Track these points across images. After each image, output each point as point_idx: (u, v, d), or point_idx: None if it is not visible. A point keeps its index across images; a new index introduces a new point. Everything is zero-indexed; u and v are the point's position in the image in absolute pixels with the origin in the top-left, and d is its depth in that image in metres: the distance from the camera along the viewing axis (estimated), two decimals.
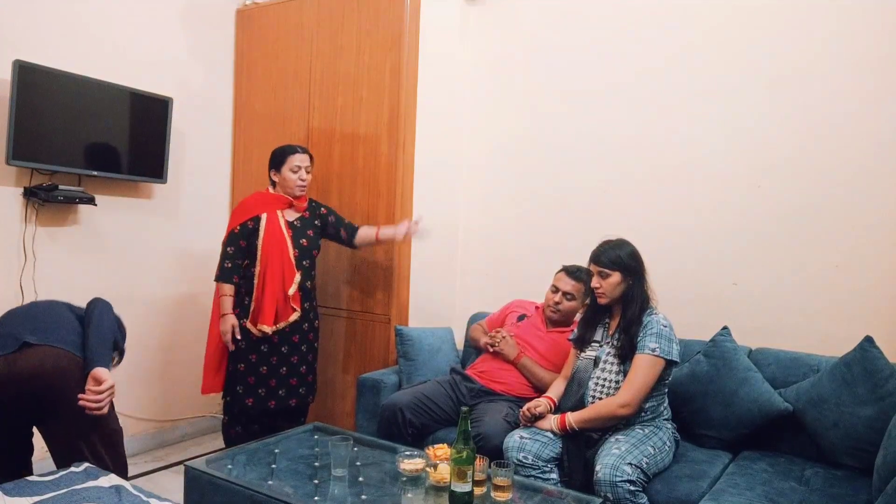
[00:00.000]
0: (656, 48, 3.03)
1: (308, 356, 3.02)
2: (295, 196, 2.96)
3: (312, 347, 3.05)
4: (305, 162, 2.95)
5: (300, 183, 2.93)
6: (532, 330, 2.87)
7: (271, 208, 2.92)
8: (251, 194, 3.07)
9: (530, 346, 2.82)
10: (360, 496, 2.03)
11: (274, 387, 2.91)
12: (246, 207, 2.95)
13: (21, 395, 1.95)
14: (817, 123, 2.68)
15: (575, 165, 3.26)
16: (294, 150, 2.94)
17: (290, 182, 2.92)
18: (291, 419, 3.02)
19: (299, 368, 2.98)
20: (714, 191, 2.89)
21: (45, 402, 1.96)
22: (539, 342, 2.83)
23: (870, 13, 2.58)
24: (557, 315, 2.84)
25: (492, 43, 3.53)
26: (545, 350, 2.80)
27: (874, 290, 2.58)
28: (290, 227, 2.95)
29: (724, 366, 2.53)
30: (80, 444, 1.99)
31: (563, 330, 2.83)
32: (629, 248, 2.43)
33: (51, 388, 1.94)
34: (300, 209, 3.01)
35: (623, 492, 2.07)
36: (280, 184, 2.95)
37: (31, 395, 1.95)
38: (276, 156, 2.96)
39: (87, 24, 3.11)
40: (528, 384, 2.76)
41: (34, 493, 1.69)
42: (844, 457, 2.29)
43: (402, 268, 3.24)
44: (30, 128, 2.80)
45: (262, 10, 3.71)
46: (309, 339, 3.02)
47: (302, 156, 2.94)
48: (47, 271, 3.01)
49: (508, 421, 2.54)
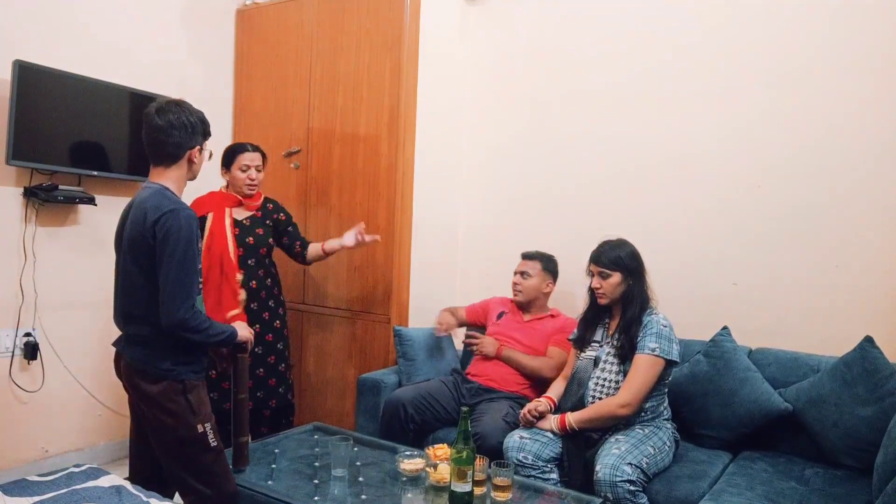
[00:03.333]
0: (656, 48, 3.03)
1: (286, 353, 3.00)
2: (244, 195, 2.89)
3: (288, 344, 3.03)
4: (255, 161, 2.88)
5: (248, 182, 2.86)
6: (511, 324, 2.94)
7: (219, 207, 2.84)
8: (205, 193, 2.94)
9: (512, 339, 2.88)
10: (360, 496, 2.03)
11: (251, 388, 2.81)
12: (194, 207, 2.82)
13: None
14: (817, 123, 2.68)
15: (575, 165, 3.26)
16: (244, 148, 2.88)
17: (239, 181, 2.86)
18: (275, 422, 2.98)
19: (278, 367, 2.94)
20: (714, 191, 2.89)
21: None
22: (519, 333, 2.89)
23: (870, 13, 2.58)
24: (521, 296, 2.93)
25: (492, 43, 3.53)
26: (525, 339, 2.87)
27: (874, 290, 2.58)
28: (238, 225, 2.87)
29: (724, 366, 2.53)
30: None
31: (541, 316, 2.92)
32: (629, 249, 2.43)
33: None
34: (251, 208, 2.93)
35: (623, 492, 2.07)
36: (230, 182, 2.89)
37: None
38: (227, 154, 2.89)
39: (87, 24, 3.11)
40: (519, 375, 2.80)
41: (34, 493, 1.69)
42: (844, 457, 2.29)
43: (402, 268, 3.24)
44: (30, 128, 2.80)
45: (262, 10, 3.71)
46: (284, 335, 3.00)
47: (252, 154, 2.87)
48: (47, 271, 3.01)
49: (508, 421, 2.54)
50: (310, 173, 3.49)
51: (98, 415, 3.25)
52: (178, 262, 1.83)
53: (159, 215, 1.84)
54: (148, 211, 1.86)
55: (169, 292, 1.83)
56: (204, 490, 1.93)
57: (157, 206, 1.86)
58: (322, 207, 3.44)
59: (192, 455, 1.93)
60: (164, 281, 1.84)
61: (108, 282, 2.05)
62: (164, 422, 1.89)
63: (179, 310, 1.83)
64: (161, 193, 1.91)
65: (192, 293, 1.86)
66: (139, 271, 1.89)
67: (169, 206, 1.86)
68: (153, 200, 1.88)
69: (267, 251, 2.97)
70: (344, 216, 3.35)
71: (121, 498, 1.70)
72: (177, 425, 1.89)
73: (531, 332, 2.89)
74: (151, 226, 1.84)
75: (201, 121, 2.01)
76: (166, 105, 1.95)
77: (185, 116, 1.95)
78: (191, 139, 1.97)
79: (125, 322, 1.96)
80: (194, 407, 1.91)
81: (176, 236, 1.84)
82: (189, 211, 1.90)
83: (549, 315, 2.95)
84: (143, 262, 1.88)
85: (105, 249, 3.20)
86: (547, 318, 2.94)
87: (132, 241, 1.89)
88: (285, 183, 3.57)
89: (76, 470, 1.86)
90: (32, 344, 2.96)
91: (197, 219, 1.93)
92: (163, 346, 1.89)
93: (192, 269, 1.87)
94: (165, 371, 1.89)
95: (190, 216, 1.89)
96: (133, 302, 1.91)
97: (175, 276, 1.83)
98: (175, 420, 1.89)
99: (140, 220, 1.87)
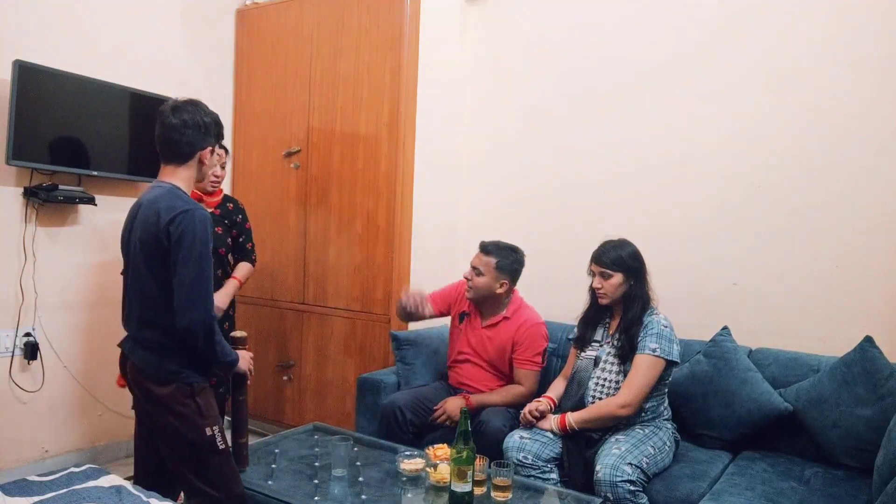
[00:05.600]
0: (656, 48, 3.03)
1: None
2: (206, 192, 2.80)
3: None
4: (222, 157, 2.81)
5: (213, 178, 2.77)
6: (469, 331, 2.79)
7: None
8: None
9: (474, 352, 2.76)
10: (360, 496, 2.03)
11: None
12: None
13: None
14: (817, 123, 2.68)
15: (574, 165, 3.26)
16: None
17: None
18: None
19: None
20: (714, 191, 2.89)
21: None
22: (477, 345, 2.76)
23: (870, 13, 2.58)
24: (470, 293, 2.72)
25: (492, 43, 3.53)
26: (483, 352, 2.74)
27: (874, 290, 2.58)
28: None
29: (724, 366, 2.53)
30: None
31: (496, 321, 2.73)
32: (631, 249, 2.43)
33: None
34: (210, 205, 2.84)
35: (623, 492, 2.07)
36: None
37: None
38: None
39: (87, 24, 3.11)
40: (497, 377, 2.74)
41: (34, 493, 1.69)
42: (844, 457, 2.29)
43: (402, 268, 3.24)
44: (30, 128, 2.80)
45: (262, 10, 3.71)
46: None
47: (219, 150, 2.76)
48: (47, 271, 3.01)
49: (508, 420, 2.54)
50: (310, 173, 3.49)
51: (98, 415, 3.25)
52: (194, 264, 1.81)
53: (174, 215, 1.81)
54: (161, 211, 1.83)
55: (185, 294, 1.80)
56: (212, 492, 1.92)
57: (171, 207, 1.83)
58: (322, 207, 3.44)
59: (201, 458, 1.92)
60: (180, 283, 1.81)
61: (109, 282, 2.05)
62: (173, 425, 1.89)
63: (197, 312, 1.80)
64: (173, 193, 1.88)
65: (209, 295, 1.84)
66: (151, 274, 1.86)
67: (183, 206, 1.84)
68: (166, 201, 1.85)
69: (226, 251, 2.89)
70: (344, 216, 3.36)
71: (121, 498, 1.70)
72: (185, 428, 1.89)
73: (486, 344, 2.73)
74: (165, 226, 1.81)
75: (215, 122, 2.00)
76: (182, 104, 1.95)
77: (199, 116, 1.94)
78: (203, 140, 1.95)
79: (139, 326, 1.93)
80: (203, 410, 1.91)
81: (191, 237, 1.81)
82: (203, 212, 1.88)
83: (503, 317, 2.73)
84: (155, 265, 1.85)
85: (105, 249, 3.23)
86: (502, 321, 2.72)
87: (143, 242, 1.87)
88: (285, 183, 3.57)
89: (76, 470, 1.86)
90: (32, 344, 2.95)
91: (211, 220, 1.91)
92: (172, 350, 1.88)
93: (209, 270, 1.84)
94: (174, 374, 1.88)
95: (205, 217, 1.86)
96: (147, 305, 1.89)
97: (192, 278, 1.80)
98: (183, 423, 1.88)
99: (153, 221, 1.84)
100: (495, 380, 2.75)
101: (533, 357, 2.68)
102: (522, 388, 2.67)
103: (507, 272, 2.70)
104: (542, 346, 2.71)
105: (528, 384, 2.68)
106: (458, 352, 2.83)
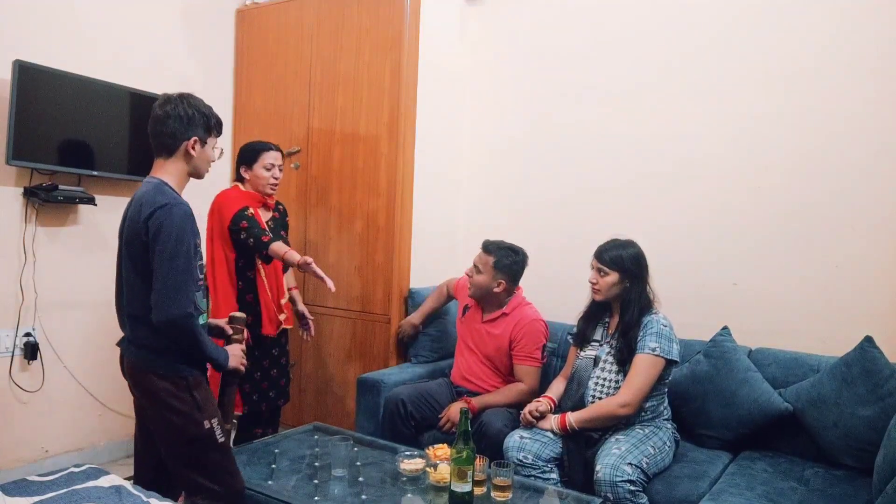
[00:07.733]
0: (656, 49, 3.03)
1: (281, 359, 2.88)
2: (266, 194, 2.80)
3: (284, 351, 2.91)
4: (279, 160, 2.81)
5: (272, 181, 2.78)
6: (470, 325, 2.82)
7: (253, 204, 2.75)
8: (222, 191, 2.81)
9: (475, 348, 2.79)
10: (360, 496, 2.03)
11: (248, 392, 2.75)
12: (232, 199, 2.71)
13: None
14: (817, 123, 2.68)
15: (575, 165, 3.26)
16: (268, 146, 2.79)
17: (263, 180, 2.75)
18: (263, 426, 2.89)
19: (270, 372, 2.83)
20: (714, 191, 2.89)
21: None
22: (477, 339, 2.79)
23: (870, 13, 2.58)
24: (471, 290, 2.76)
25: (492, 43, 3.53)
26: (482, 347, 2.76)
27: (874, 290, 2.58)
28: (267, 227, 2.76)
29: (724, 366, 2.53)
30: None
31: (495, 316, 2.75)
32: (634, 251, 2.42)
33: None
34: (271, 208, 2.86)
35: (623, 492, 2.07)
36: (251, 181, 2.77)
37: None
38: (248, 152, 2.78)
39: (87, 24, 3.11)
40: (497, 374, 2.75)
41: (34, 493, 1.68)
42: (844, 457, 2.29)
43: (402, 268, 3.24)
44: (30, 128, 2.80)
45: (262, 10, 3.71)
46: (281, 342, 2.88)
47: (276, 153, 2.79)
48: (47, 271, 3.01)
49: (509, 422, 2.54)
50: (310, 173, 3.49)
51: (98, 415, 3.25)
52: (168, 259, 1.79)
53: (152, 210, 1.81)
54: (143, 206, 1.83)
55: (160, 290, 1.79)
56: (213, 487, 1.92)
57: (152, 202, 1.82)
58: (322, 207, 3.44)
59: (200, 453, 1.91)
60: (155, 279, 1.80)
61: (109, 282, 2.04)
62: (171, 420, 1.88)
63: (171, 308, 1.78)
64: (158, 188, 1.87)
65: (185, 292, 1.81)
66: (135, 271, 1.86)
67: (163, 200, 1.82)
68: (149, 196, 1.85)
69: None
70: (344, 216, 3.36)
71: (121, 498, 1.69)
72: (184, 423, 1.88)
73: (486, 339, 2.75)
74: (144, 221, 1.81)
75: (202, 114, 1.96)
76: (170, 96, 1.95)
77: (182, 108, 1.92)
78: (187, 130, 1.93)
79: (131, 324, 1.92)
80: (200, 403, 1.90)
81: (167, 232, 1.79)
82: (185, 207, 1.86)
83: (502, 313, 2.75)
84: (137, 260, 1.85)
85: (105, 249, 3.23)
86: (500, 316, 2.75)
87: (128, 238, 1.87)
88: (285, 183, 3.56)
89: (76, 470, 1.86)
90: (32, 344, 2.96)
91: (192, 215, 1.88)
92: (165, 346, 1.87)
93: (186, 266, 1.81)
94: (169, 369, 1.88)
95: (184, 212, 1.84)
96: (134, 302, 1.89)
97: (166, 273, 1.78)
98: (182, 418, 1.87)
99: (135, 217, 1.84)
100: (495, 376, 2.76)
101: (532, 352, 2.68)
102: (523, 385, 2.68)
103: (505, 272, 2.70)
104: (540, 341, 2.71)
105: (529, 381, 2.68)
106: (462, 341, 2.87)
